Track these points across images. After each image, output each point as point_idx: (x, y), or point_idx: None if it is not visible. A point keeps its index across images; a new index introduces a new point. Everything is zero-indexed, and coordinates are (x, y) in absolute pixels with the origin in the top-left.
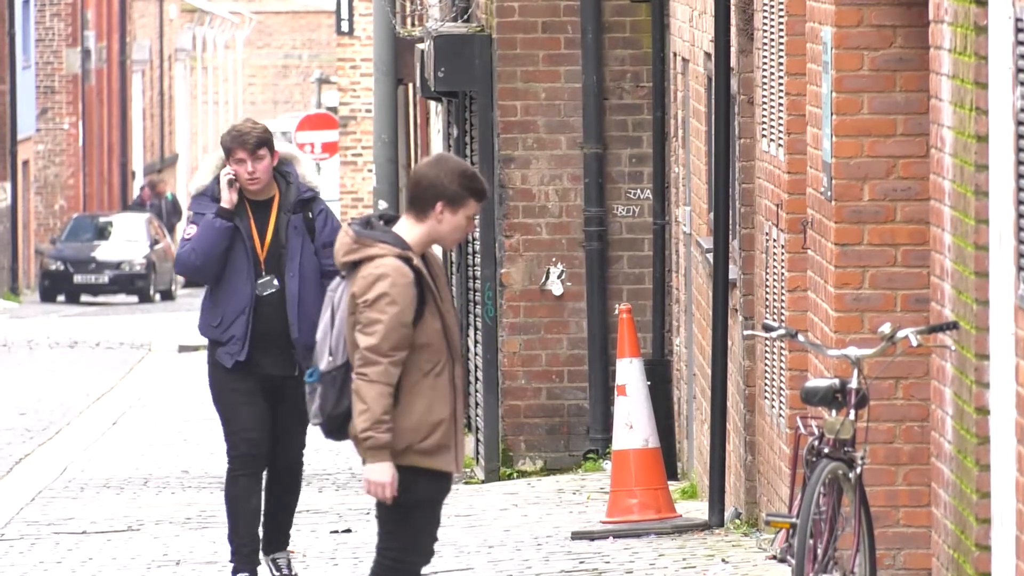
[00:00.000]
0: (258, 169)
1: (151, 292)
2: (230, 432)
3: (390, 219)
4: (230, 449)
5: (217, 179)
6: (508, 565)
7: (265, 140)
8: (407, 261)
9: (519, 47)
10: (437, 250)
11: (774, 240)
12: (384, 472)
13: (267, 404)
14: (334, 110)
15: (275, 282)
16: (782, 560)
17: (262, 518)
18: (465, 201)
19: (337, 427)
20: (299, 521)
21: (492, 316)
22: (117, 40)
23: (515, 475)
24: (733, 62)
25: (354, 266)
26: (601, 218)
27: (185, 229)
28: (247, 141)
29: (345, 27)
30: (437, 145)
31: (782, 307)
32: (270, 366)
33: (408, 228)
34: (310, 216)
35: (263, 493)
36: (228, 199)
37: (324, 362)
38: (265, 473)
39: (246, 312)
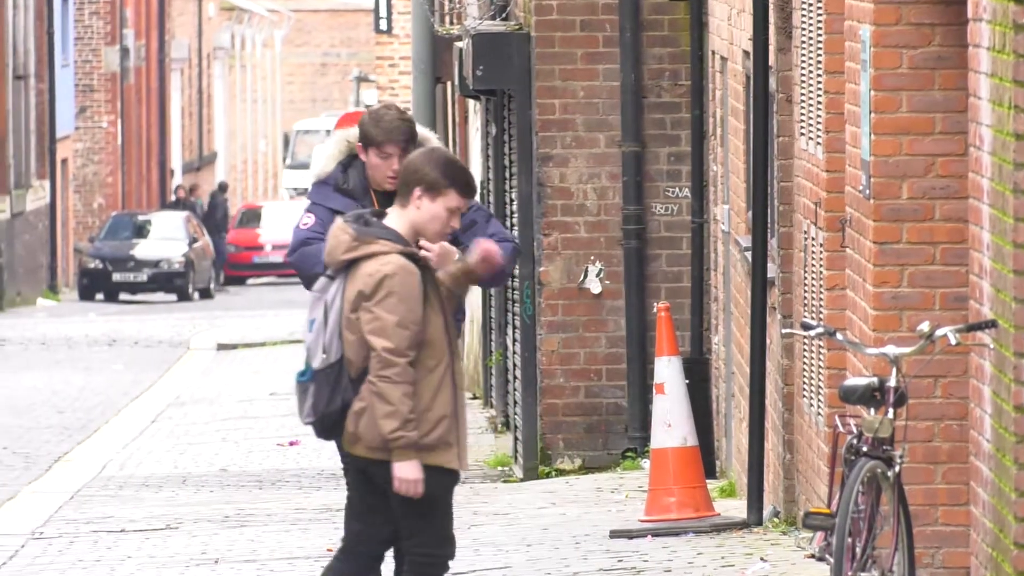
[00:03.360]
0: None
1: (189, 290)
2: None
3: (381, 215)
4: None
5: (342, 166)
6: (546, 563)
7: (415, 134)
8: (411, 257)
9: (557, 45)
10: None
11: (812, 238)
12: (415, 470)
13: None
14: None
15: None
16: (820, 559)
17: None
18: (444, 190)
19: (330, 425)
20: (338, 518)
21: (530, 314)
22: (156, 38)
23: (553, 473)
24: (772, 60)
25: (351, 264)
26: (639, 216)
27: (303, 218)
28: (399, 137)
29: (384, 25)
30: (475, 144)
31: (820, 305)
32: None
33: (395, 219)
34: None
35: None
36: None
37: (318, 360)
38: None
39: None
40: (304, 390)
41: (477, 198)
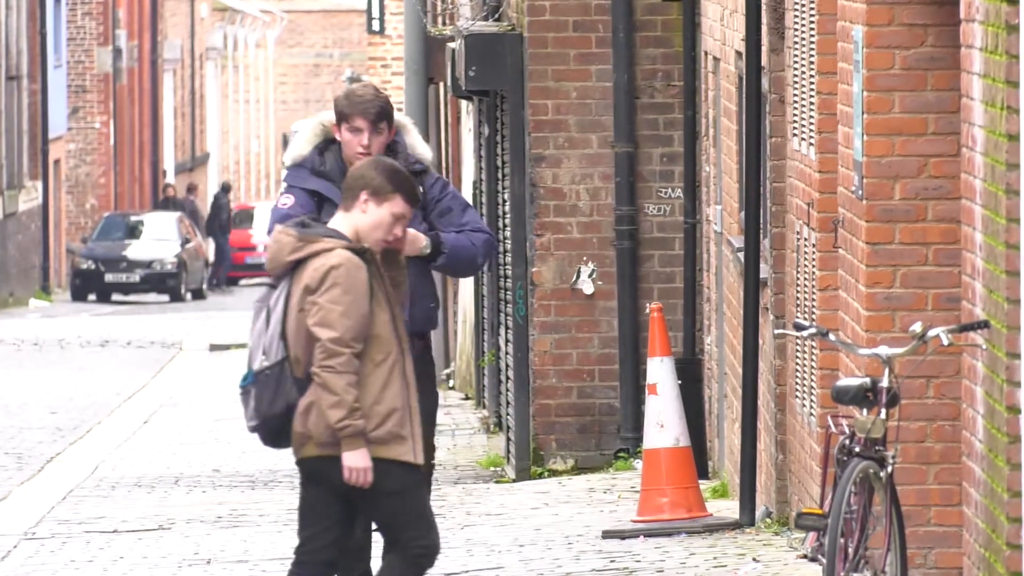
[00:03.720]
0: (374, 144)
1: (182, 291)
2: None
3: (321, 221)
4: None
5: (318, 149)
6: (539, 564)
7: (388, 112)
8: (358, 252)
9: (550, 46)
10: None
11: (805, 239)
12: (364, 458)
13: None
14: None
15: None
16: (813, 559)
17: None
18: (390, 195)
19: (275, 429)
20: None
21: (523, 315)
22: (148, 39)
23: (546, 474)
24: (764, 61)
25: (297, 265)
26: (632, 217)
27: (280, 199)
28: (369, 110)
29: (376, 26)
30: (468, 144)
31: (813, 306)
32: None
33: (339, 222)
34: (421, 189)
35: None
36: None
37: (257, 362)
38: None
39: None
40: (245, 394)
41: (469, 198)
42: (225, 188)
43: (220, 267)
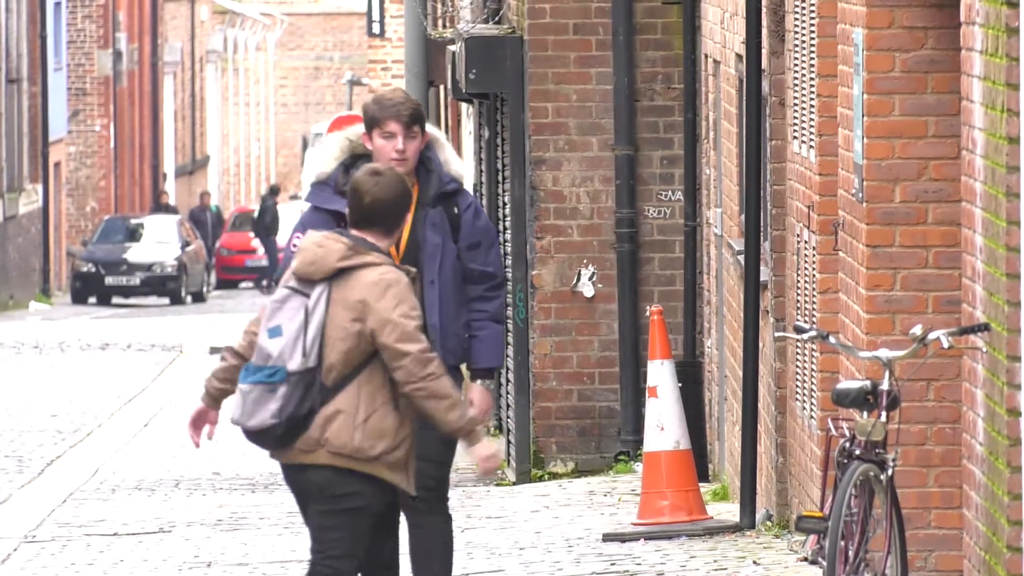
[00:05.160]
0: (409, 148)
1: (182, 294)
2: None
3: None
4: None
5: (344, 166)
6: (539, 567)
7: (420, 115)
8: (404, 272)
9: (550, 49)
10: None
11: (805, 242)
12: (491, 445)
13: None
14: None
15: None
16: (813, 562)
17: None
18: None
19: (289, 431)
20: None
21: (523, 318)
22: (149, 42)
23: (546, 477)
24: (764, 64)
25: (338, 274)
26: (632, 220)
27: (292, 239)
28: (402, 112)
29: (376, 29)
30: (468, 147)
31: (813, 309)
32: None
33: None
34: (455, 211)
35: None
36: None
37: (295, 362)
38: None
39: None
40: (269, 390)
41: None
42: (273, 190)
43: (267, 271)
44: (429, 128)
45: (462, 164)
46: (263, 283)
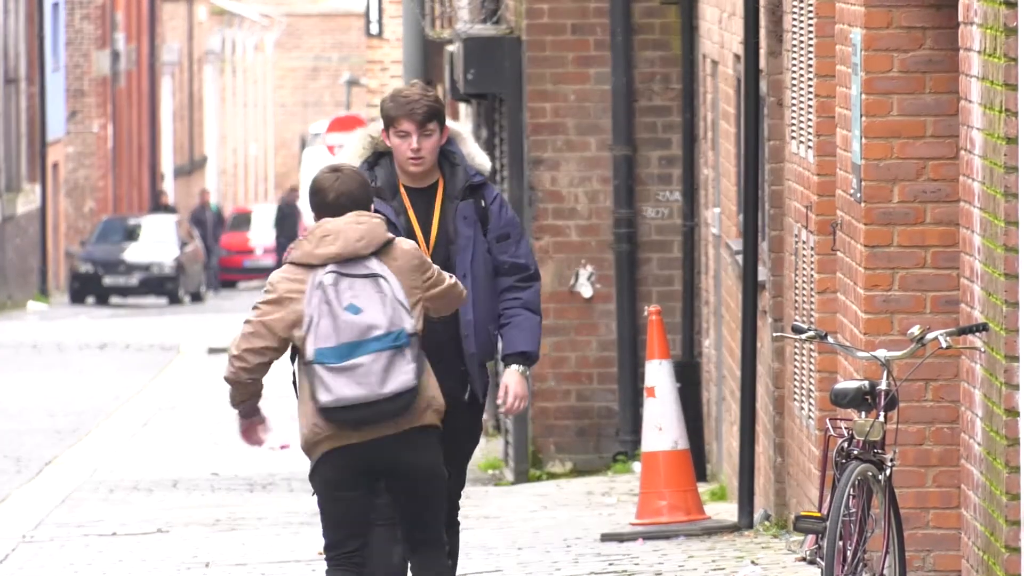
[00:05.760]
0: (424, 147)
1: (180, 294)
2: None
3: None
4: None
5: (367, 163)
6: (537, 567)
7: (437, 111)
8: None
9: (548, 49)
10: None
11: (803, 242)
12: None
13: None
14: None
15: None
16: (811, 562)
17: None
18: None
19: (410, 396)
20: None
21: None
22: (147, 42)
23: (544, 477)
24: (762, 64)
25: (385, 245)
26: (630, 220)
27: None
28: (415, 111)
29: (375, 29)
30: None
31: (811, 309)
32: None
33: None
34: (482, 204)
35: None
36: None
37: (409, 325)
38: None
39: None
40: (400, 354)
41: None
42: (294, 189)
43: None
44: (449, 123)
45: (486, 157)
46: None
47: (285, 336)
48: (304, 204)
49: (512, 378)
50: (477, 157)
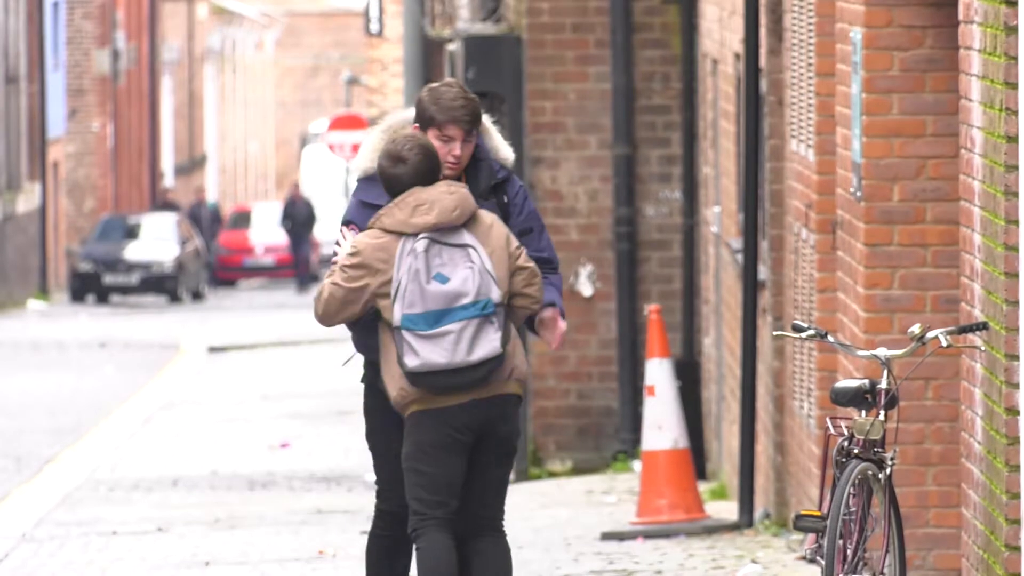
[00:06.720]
0: (465, 155)
1: (180, 292)
2: (386, 482)
3: None
4: (386, 499)
5: None
6: (537, 565)
7: (479, 117)
8: None
9: (549, 48)
10: None
11: (803, 241)
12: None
13: None
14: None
15: None
16: (811, 561)
17: None
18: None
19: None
20: (329, 520)
21: None
22: (147, 41)
23: (544, 476)
24: (762, 63)
25: (472, 216)
26: (631, 219)
27: (349, 226)
28: (463, 118)
29: (375, 28)
30: None
31: (811, 308)
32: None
33: None
34: (504, 200)
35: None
36: None
37: (496, 294)
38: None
39: None
40: (488, 322)
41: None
42: (297, 186)
43: (298, 272)
44: None
45: (510, 149)
46: (299, 280)
47: (370, 302)
48: (311, 197)
49: (550, 313)
50: (502, 150)
